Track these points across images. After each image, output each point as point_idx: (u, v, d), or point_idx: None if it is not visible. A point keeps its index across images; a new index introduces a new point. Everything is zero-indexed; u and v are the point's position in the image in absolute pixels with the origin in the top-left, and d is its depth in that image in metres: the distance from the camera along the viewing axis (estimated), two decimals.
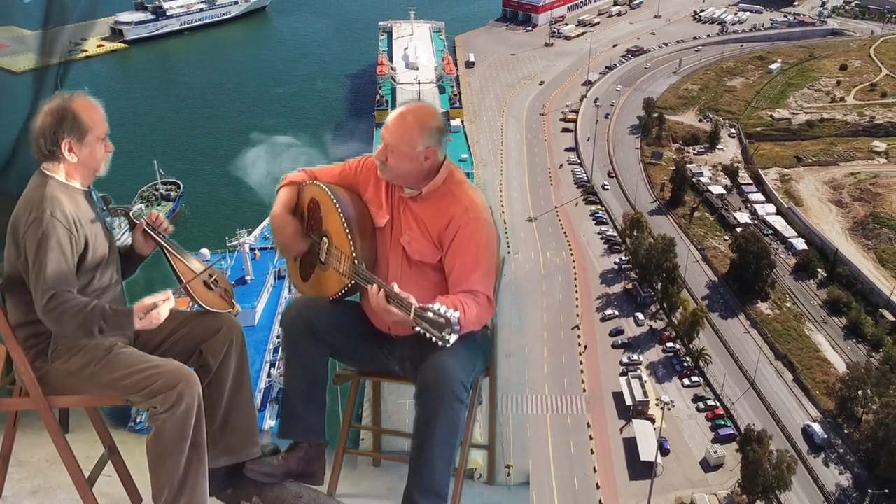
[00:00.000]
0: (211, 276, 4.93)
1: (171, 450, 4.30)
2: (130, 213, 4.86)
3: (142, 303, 4.30)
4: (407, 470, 4.72)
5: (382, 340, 5.12)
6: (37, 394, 4.40)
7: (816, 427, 64.22)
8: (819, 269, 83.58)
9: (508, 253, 76.99)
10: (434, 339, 4.07)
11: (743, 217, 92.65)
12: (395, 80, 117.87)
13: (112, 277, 4.67)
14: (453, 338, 4.05)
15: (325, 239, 4.99)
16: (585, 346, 71.67)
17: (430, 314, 4.08)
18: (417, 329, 4.15)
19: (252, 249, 66.40)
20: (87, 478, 4.60)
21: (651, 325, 75.63)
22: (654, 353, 72.12)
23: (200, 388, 4.38)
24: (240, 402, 4.89)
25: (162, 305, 4.30)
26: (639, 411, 63.70)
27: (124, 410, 5.26)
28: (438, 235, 4.82)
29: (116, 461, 4.92)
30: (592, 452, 61.08)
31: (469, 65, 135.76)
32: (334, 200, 4.92)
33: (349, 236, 4.81)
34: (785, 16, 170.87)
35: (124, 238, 5.05)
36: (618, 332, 74.41)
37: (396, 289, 4.30)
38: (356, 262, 4.76)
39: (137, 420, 21.67)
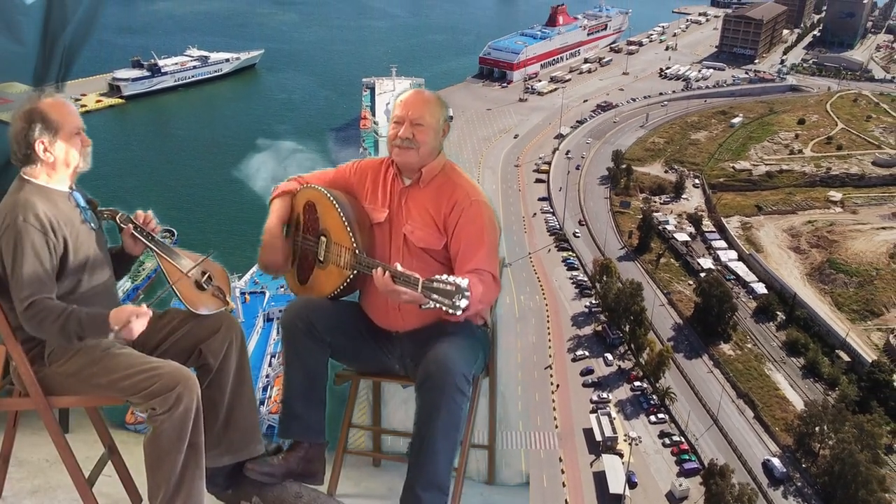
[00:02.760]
0: (204, 272, 4.74)
1: (168, 450, 4.17)
2: (118, 217, 4.71)
3: (118, 314, 4.08)
4: (407, 470, 4.56)
5: (382, 339, 4.99)
6: (37, 394, 4.28)
7: (776, 461, 64.41)
8: (778, 312, 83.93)
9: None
10: (445, 308, 3.95)
11: (706, 263, 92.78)
12: (377, 134, 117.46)
13: (104, 279, 4.50)
14: (464, 303, 3.92)
15: (322, 238, 4.86)
16: (557, 385, 71.74)
17: (437, 284, 3.98)
18: (428, 304, 4.03)
19: (242, 294, 66.58)
20: (87, 478, 4.49)
21: (620, 365, 75.58)
22: (623, 392, 72.10)
23: (199, 389, 4.25)
24: (241, 400, 4.74)
25: (135, 321, 4.08)
26: (608, 446, 63.62)
27: (126, 411, 4.88)
28: (444, 221, 4.75)
29: (116, 461, 4.81)
30: (564, 486, 60.91)
31: (447, 119, 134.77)
32: (331, 198, 4.82)
33: (348, 228, 4.70)
34: (746, 73, 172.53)
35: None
36: (588, 371, 74.37)
37: (400, 268, 4.18)
38: (357, 251, 4.63)
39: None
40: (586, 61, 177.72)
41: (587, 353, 76.85)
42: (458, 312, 3.93)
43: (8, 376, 4.45)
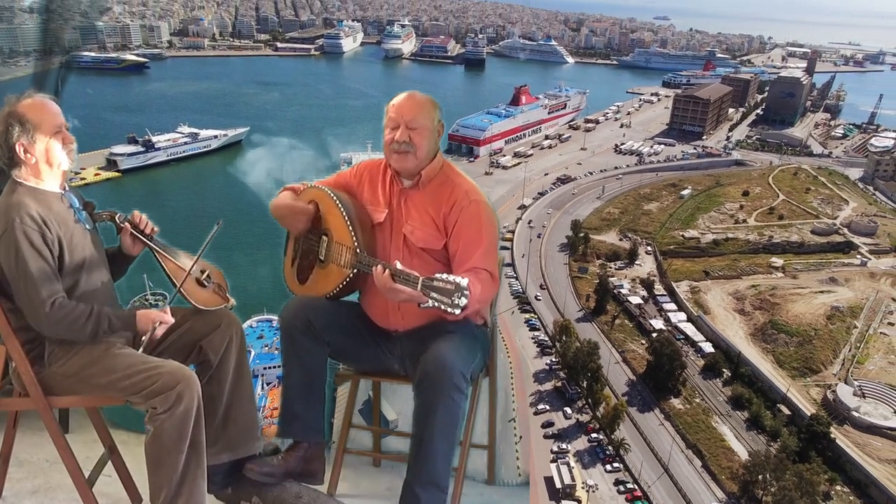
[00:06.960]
0: (203, 271, 4.62)
1: (170, 450, 3.98)
2: (116, 217, 4.51)
3: (145, 320, 4.15)
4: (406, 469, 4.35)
5: (381, 339, 4.81)
6: (37, 394, 4.11)
7: None
8: (724, 370, 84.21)
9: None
10: (444, 307, 3.77)
11: (658, 324, 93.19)
12: None
13: (102, 280, 4.33)
14: (463, 301, 3.73)
15: (324, 238, 4.70)
16: (520, 437, 71.78)
17: (437, 283, 3.80)
18: (427, 303, 3.84)
19: None
20: (87, 478, 4.33)
21: (578, 419, 75.88)
22: (581, 443, 72.38)
23: (200, 388, 4.07)
24: (240, 397, 4.58)
25: (159, 329, 4.16)
26: (567, 494, 63.66)
27: (126, 411, 4.54)
28: (443, 220, 4.57)
29: (116, 461, 4.64)
30: None
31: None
32: (333, 197, 4.68)
33: (350, 227, 4.53)
34: (694, 148, 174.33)
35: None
36: (549, 424, 74.60)
37: (400, 266, 3.99)
38: (358, 250, 4.46)
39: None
40: (547, 137, 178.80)
41: (548, 407, 76.96)
42: (458, 311, 3.78)
43: (8, 376, 4.32)
